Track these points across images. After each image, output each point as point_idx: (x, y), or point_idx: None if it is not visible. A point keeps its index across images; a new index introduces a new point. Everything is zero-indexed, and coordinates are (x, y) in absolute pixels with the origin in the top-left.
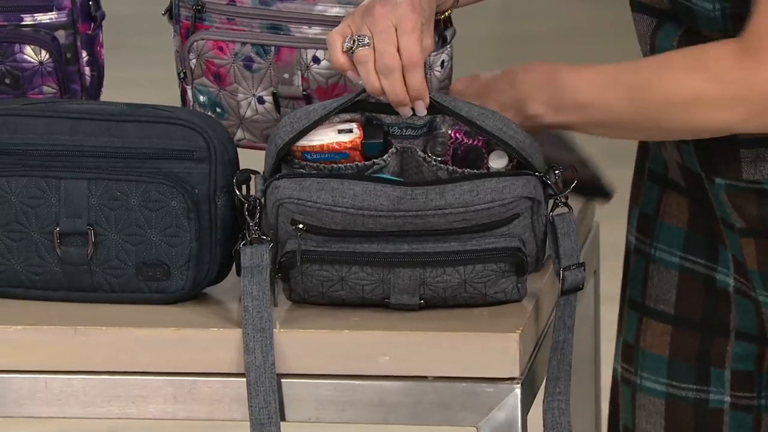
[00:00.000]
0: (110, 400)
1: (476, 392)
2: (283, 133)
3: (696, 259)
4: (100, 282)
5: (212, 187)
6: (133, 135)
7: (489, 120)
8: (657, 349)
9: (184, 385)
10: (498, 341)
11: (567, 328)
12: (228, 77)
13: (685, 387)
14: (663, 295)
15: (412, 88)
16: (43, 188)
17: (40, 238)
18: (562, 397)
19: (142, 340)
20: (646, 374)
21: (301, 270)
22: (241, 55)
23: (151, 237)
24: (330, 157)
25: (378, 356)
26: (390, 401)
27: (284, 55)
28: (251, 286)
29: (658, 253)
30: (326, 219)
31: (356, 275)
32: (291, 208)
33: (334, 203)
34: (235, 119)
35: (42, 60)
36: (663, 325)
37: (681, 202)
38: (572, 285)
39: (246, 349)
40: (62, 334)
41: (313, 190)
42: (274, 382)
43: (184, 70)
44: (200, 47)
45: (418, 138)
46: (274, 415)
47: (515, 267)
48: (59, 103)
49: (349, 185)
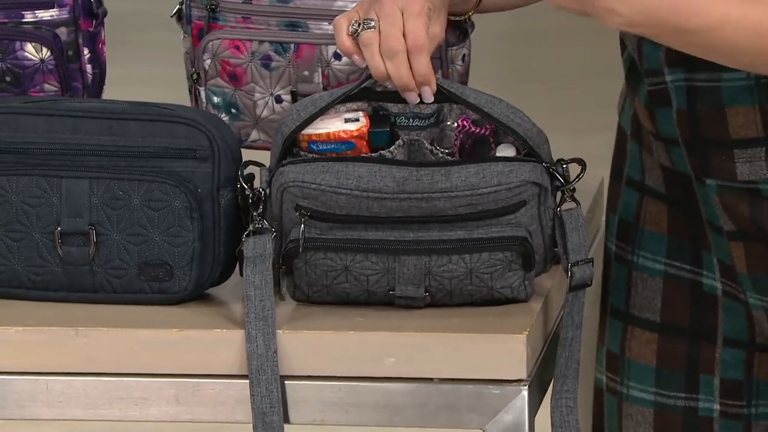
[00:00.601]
0: (112, 402)
1: (483, 394)
2: (289, 122)
3: (681, 264)
4: (102, 282)
5: (215, 186)
6: (135, 133)
7: (496, 107)
8: (644, 358)
9: (187, 386)
10: (505, 342)
11: (575, 324)
12: (245, 77)
13: (673, 395)
14: (648, 303)
15: (417, 73)
16: (44, 187)
17: (41, 238)
18: (570, 395)
19: (145, 341)
20: (633, 383)
21: (304, 259)
22: (259, 54)
23: (154, 237)
24: (336, 147)
25: (383, 357)
26: (395, 403)
27: (304, 52)
28: (254, 275)
29: (641, 261)
30: (330, 203)
31: (361, 264)
32: (295, 192)
33: (338, 185)
34: (250, 120)
35: (43, 57)
36: (649, 333)
37: (660, 208)
38: (580, 281)
39: (248, 338)
40: (63, 335)
41: (317, 172)
42: (277, 371)
43: (198, 71)
44: (216, 47)
45: (426, 129)
46: (276, 405)
47: (522, 258)
48: (60, 101)
49: (354, 167)
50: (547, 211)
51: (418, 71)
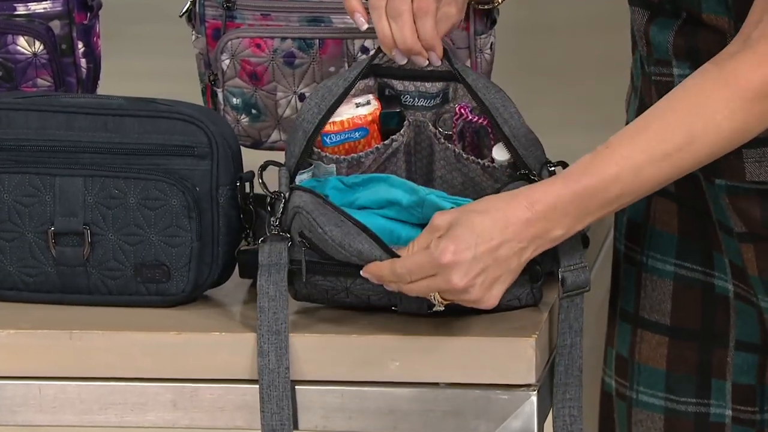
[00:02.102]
0: (107, 408)
1: (490, 399)
2: (309, 116)
3: (692, 265)
4: (97, 284)
5: (214, 185)
6: (131, 130)
7: (490, 95)
8: (654, 362)
9: (185, 391)
10: (513, 346)
11: (574, 331)
12: (266, 76)
13: (684, 401)
14: (658, 305)
15: (422, 37)
16: (37, 186)
17: (34, 237)
18: (574, 404)
19: (141, 344)
20: (643, 388)
21: (304, 279)
22: (281, 51)
23: (150, 237)
24: (350, 136)
25: (387, 362)
26: (400, 409)
27: (330, 47)
28: (268, 285)
29: (651, 262)
30: (331, 251)
31: (362, 286)
32: (304, 222)
33: (341, 244)
34: (271, 120)
35: (36, 51)
36: (659, 336)
37: (670, 208)
38: (574, 286)
39: (260, 352)
40: (57, 338)
41: (332, 222)
42: (288, 387)
43: (215, 73)
44: (235, 46)
45: (431, 109)
46: (287, 422)
47: (529, 275)
48: (54, 96)
49: (359, 241)
50: None
51: (423, 35)
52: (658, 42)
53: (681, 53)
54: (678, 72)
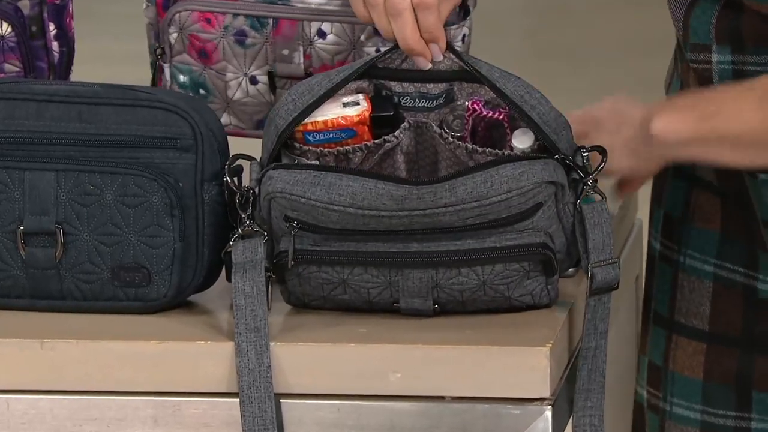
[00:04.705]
0: (82, 424)
1: (501, 415)
2: (284, 113)
3: (733, 266)
4: (71, 288)
5: (199, 180)
6: (108, 120)
7: (510, 84)
8: (690, 371)
9: (167, 406)
10: (525, 356)
11: (599, 333)
12: (215, 54)
13: (723, 414)
14: (695, 308)
15: (424, 30)
16: (4, 181)
17: (2, 238)
18: (595, 413)
19: (119, 354)
20: (678, 400)
21: (297, 272)
22: (233, 29)
23: (129, 237)
24: (335, 136)
25: (388, 373)
26: (402, 425)
27: (284, 28)
28: (243, 282)
29: (689, 261)
30: (322, 217)
31: (360, 277)
32: (283, 203)
33: (330, 201)
34: (220, 102)
35: (3, 34)
36: (696, 343)
37: (713, 202)
38: (603, 283)
39: (238, 351)
40: (27, 347)
41: (307, 184)
42: (271, 389)
43: (162, 46)
44: (183, 19)
45: (434, 111)
46: (270, 426)
47: (542, 265)
48: (23, 83)
49: (347, 181)
50: (567, 207)
51: (426, 28)
52: (699, 26)
53: (723, 38)
54: (717, 58)
